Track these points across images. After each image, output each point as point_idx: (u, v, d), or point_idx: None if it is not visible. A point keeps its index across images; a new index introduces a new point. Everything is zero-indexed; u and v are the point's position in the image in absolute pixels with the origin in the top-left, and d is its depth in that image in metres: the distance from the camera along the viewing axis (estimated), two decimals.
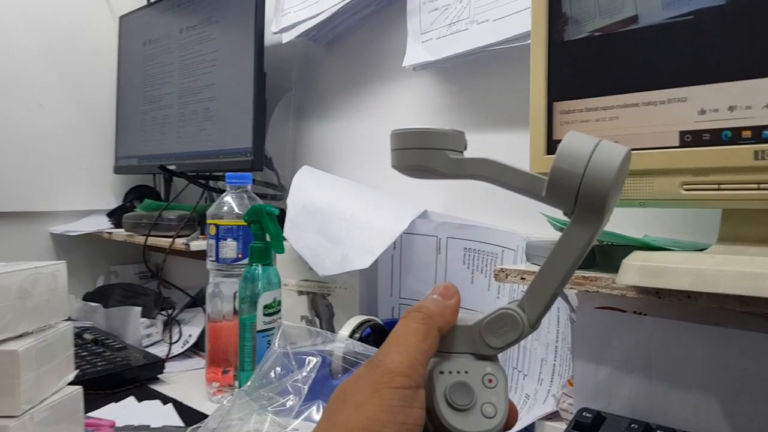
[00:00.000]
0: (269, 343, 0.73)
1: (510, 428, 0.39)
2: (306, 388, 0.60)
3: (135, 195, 1.63)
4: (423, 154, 0.41)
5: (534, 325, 0.40)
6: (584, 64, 0.63)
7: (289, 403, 0.60)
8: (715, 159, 0.56)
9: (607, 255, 0.69)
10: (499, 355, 0.42)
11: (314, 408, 0.62)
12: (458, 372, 0.39)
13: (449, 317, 0.39)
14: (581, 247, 0.39)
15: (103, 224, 1.55)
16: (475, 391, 0.38)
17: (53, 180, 1.58)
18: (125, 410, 0.94)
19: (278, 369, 0.63)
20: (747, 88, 0.54)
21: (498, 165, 0.40)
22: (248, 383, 0.65)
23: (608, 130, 0.63)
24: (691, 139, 0.58)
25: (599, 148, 0.38)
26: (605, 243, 0.71)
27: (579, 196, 0.38)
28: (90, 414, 0.87)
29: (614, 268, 0.59)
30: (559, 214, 0.50)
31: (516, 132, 0.99)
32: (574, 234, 0.39)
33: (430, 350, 0.38)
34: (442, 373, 0.38)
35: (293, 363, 0.62)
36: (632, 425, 0.59)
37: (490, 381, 0.38)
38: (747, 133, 0.55)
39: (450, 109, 1.09)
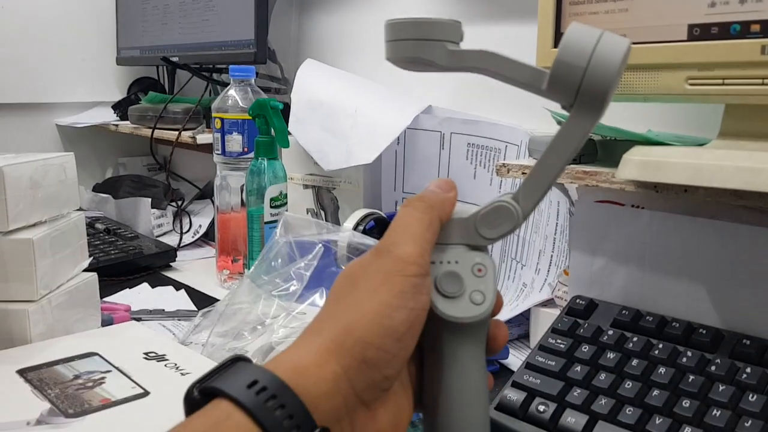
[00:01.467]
0: None
1: (496, 314, 0.41)
2: (308, 274, 0.62)
3: (139, 87, 1.62)
4: (419, 45, 0.40)
5: (527, 216, 0.41)
6: None
7: (293, 288, 0.63)
8: (722, 53, 0.56)
9: (609, 150, 0.69)
10: (499, 247, 0.44)
11: (317, 294, 0.65)
12: (449, 262, 0.40)
13: (448, 209, 0.40)
14: (579, 138, 0.39)
15: (108, 116, 1.56)
16: (464, 279, 0.39)
17: (56, 71, 1.57)
18: (140, 296, 0.98)
19: (281, 258, 0.65)
20: None
21: (498, 57, 0.40)
22: (251, 269, 0.68)
23: (617, 23, 0.62)
24: (700, 32, 0.57)
25: (602, 40, 0.38)
26: (607, 138, 0.71)
27: (581, 89, 0.38)
28: (106, 299, 0.91)
29: (615, 163, 0.60)
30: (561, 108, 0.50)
31: (523, 24, 0.97)
32: (574, 126, 0.39)
33: (433, 239, 0.39)
34: (433, 263, 0.39)
35: (296, 251, 0.64)
36: (623, 311, 0.62)
37: (479, 270, 0.40)
38: (756, 27, 0.54)
39: (458, 0, 1.06)
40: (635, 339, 0.58)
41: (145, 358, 0.62)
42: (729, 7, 0.55)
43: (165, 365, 0.60)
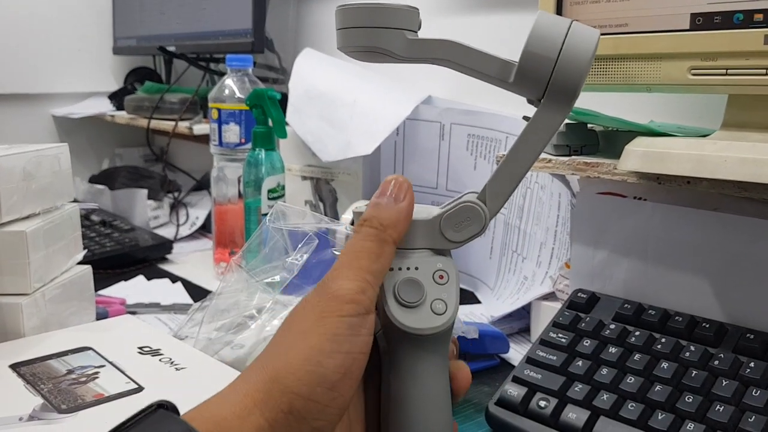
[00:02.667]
0: None
1: (463, 389, 0.39)
2: (299, 264, 0.61)
3: (135, 77, 1.60)
4: (375, 34, 0.36)
5: (494, 216, 0.39)
6: None
7: (278, 278, 0.62)
8: (725, 43, 0.55)
9: (611, 140, 0.68)
10: (500, 240, 0.42)
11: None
12: (408, 268, 0.37)
13: (403, 225, 0.36)
14: (548, 134, 0.38)
15: (104, 107, 1.54)
16: (425, 287, 0.37)
17: (52, 61, 1.55)
18: (135, 288, 0.97)
19: (270, 246, 0.64)
20: None
21: (461, 47, 0.37)
22: (238, 256, 0.67)
23: (619, 12, 0.61)
24: (702, 21, 0.56)
25: (572, 31, 0.36)
26: (609, 128, 0.70)
27: (551, 82, 0.36)
28: (101, 292, 0.90)
29: (617, 155, 0.59)
30: None
31: (523, 12, 0.96)
32: (542, 122, 0.37)
33: (383, 269, 0.36)
34: (391, 269, 0.37)
35: (288, 241, 0.63)
36: (625, 305, 0.61)
37: (441, 277, 0.37)
38: (759, 17, 0.53)
39: None
40: (637, 333, 0.58)
41: (140, 353, 0.61)
42: None
43: (160, 360, 0.59)
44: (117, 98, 1.52)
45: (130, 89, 1.54)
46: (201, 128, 1.24)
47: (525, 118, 0.39)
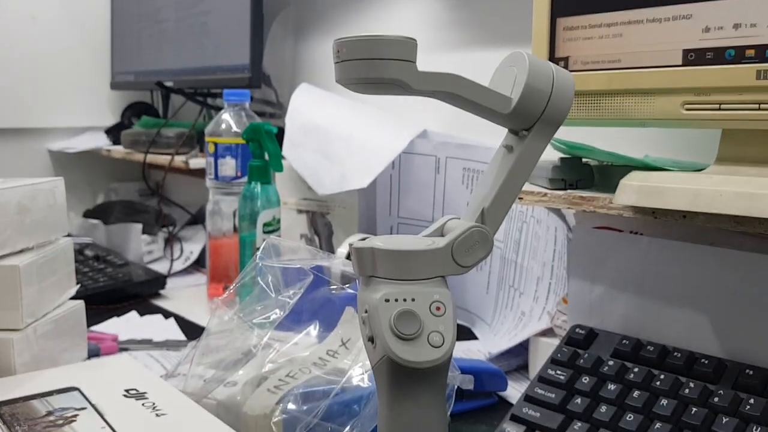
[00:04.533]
0: None
1: None
2: (292, 303, 0.60)
3: (133, 112, 1.61)
4: (383, 65, 0.37)
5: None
6: None
7: (273, 317, 0.61)
8: (717, 78, 0.55)
9: (606, 175, 0.68)
10: (497, 274, 0.42)
11: (311, 326, 0.63)
12: (404, 300, 0.37)
13: None
14: (535, 161, 0.41)
15: (101, 141, 1.55)
16: (421, 319, 0.37)
17: (49, 96, 1.56)
18: (128, 324, 0.96)
19: (261, 283, 0.63)
20: (753, 5, 0.53)
21: (464, 80, 0.39)
22: (229, 292, 0.66)
23: (612, 48, 0.62)
24: (695, 57, 0.57)
25: (557, 69, 0.41)
26: (604, 163, 0.71)
27: (545, 113, 0.40)
28: (93, 328, 0.89)
29: (612, 189, 0.59)
30: (561, 135, 0.50)
31: (517, 49, 0.96)
32: (533, 148, 0.41)
33: None
34: (387, 301, 0.37)
35: (280, 278, 0.62)
36: (623, 341, 0.60)
37: (438, 309, 0.37)
38: (750, 52, 0.54)
39: (452, 25, 1.06)
40: (636, 369, 0.57)
41: (125, 396, 0.60)
42: (723, 33, 0.55)
43: (143, 404, 0.59)
44: (113, 133, 1.52)
45: (127, 124, 1.55)
46: (197, 162, 1.24)
47: (507, 147, 0.42)
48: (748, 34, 0.53)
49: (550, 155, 0.68)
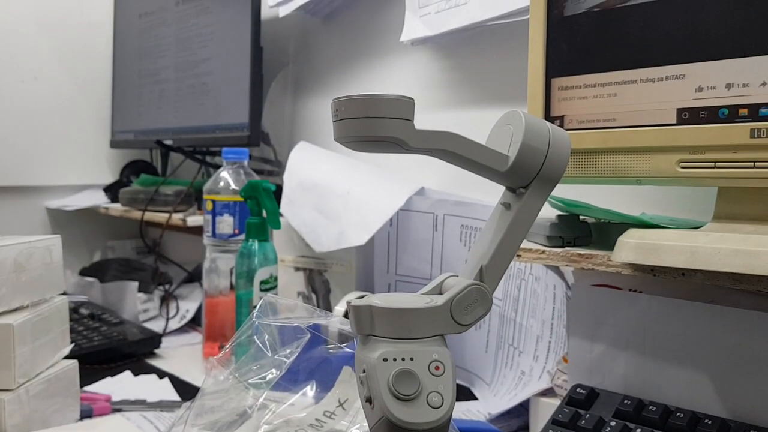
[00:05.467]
0: None
1: None
2: (288, 362, 0.59)
3: (132, 170, 1.62)
4: (373, 124, 0.37)
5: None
6: (583, 40, 0.63)
7: (269, 377, 0.60)
8: (711, 137, 0.56)
9: (604, 233, 0.69)
10: (496, 333, 0.42)
11: (308, 387, 0.62)
12: (403, 359, 0.36)
13: None
14: (535, 215, 0.41)
15: (99, 199, 1.55)
16: (420, 379, 0.36)
17: (49, 154, 1.57)
18: (121, 384, 0.94)
19: (257, 342, 0.62)
20: (744, 65, 0.54)
21: (462, 138, 0.39)
22: (225, 351, 0.65)
23: (606, 107, 0.63)
24: (689, 116, 0.57)
25: (552, 128, 0.41)
26: (601, 220, 0.71)
27: (542, 171, 0.40)
28: (86, 388, 0.88)
29: (610, 246, 0.59)
30: (557, 192, 0.50)
31: (513, 108, 0.98)
32: (531, 205, 0.41)
33: None
34: (386, 360, 0.36)
35: (276, 337, 0.62)
36: (625, 401, 0.59)
37: (437, 368, 0.37)
38: (744, 111, 0.55)
39: (448, 84, 1.08)
40: (639, 431, 0.56)
41: None
42: (716, 92, 0.56)
43: None
44: (112, 190, 1.53)
45: (126, 182, 1.55)
46: (195, 220, 1.24)
47: (505, 204, 0.42)
48: (741, 93, 0.54)
49: (548, 213, 0.69)
